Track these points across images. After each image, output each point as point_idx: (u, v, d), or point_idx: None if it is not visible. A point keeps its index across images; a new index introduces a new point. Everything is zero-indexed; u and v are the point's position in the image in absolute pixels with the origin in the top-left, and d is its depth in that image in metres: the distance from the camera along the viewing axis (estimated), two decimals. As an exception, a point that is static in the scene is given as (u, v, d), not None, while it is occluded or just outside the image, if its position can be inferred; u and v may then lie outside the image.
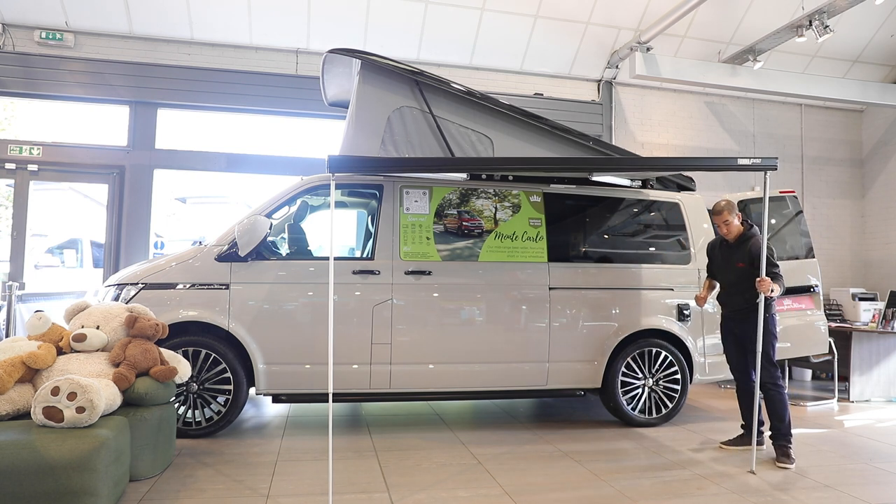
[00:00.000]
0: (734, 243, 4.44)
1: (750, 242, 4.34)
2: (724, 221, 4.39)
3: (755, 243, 4.29)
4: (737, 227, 4.40)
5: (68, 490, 2.72)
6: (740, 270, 4.37)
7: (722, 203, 4.40)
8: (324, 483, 3.50)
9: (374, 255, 4.65)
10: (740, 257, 4.37)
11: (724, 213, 4.39)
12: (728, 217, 4.38)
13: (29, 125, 6.97)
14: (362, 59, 4.56)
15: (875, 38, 8.43)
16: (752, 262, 4.27)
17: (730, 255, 4.47)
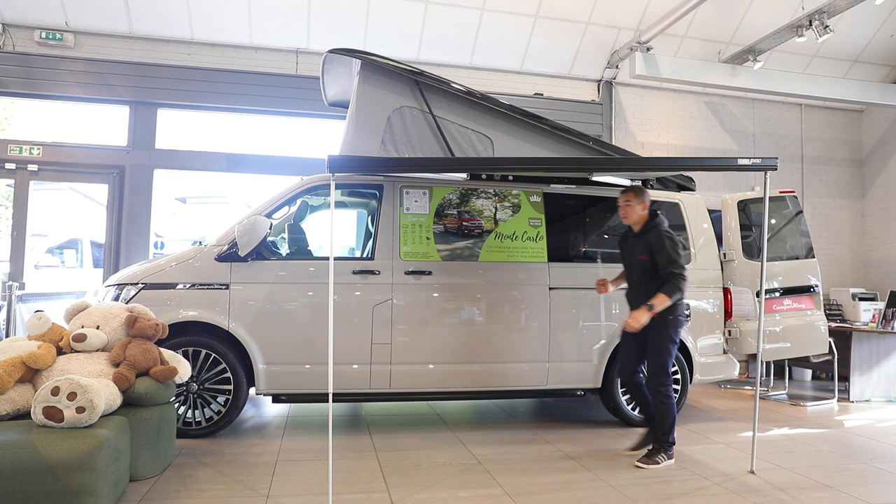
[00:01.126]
0: (638, 234, 4.12)
1: (650, 234, 4.03)
2: (626, 202, 4.09)
3: (654, 234, 3.99)
4: (638, 215, 4.08)
5: (68, 490, 2.72)
6: (642, 264, 4.06)
7: (633, 186, 4.15)
8: (324, 483, 3.50)
9: (374, 255, 4.65)
10: (642, 249, 4.05)
11: (627, 194, 4.10)
12: (630, 199, 4.07)
13: (29, 125, 6.96)
14: (362, 59, 4.56)
15: (875, 38, 8.43)
16: (651, 255, 3.98)
17: (634, 247, 4.15)
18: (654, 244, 3.97)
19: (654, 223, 4.07)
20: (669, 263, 3.90)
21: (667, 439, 4.05)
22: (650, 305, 3.87)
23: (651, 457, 4.02)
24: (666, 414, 4.04)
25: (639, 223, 4.13)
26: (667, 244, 3.92)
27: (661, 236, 3.96)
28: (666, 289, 3.88)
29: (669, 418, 4.03)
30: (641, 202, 4.09)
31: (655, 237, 3.98)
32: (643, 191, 4.12)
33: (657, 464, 3.99)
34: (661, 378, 4.01)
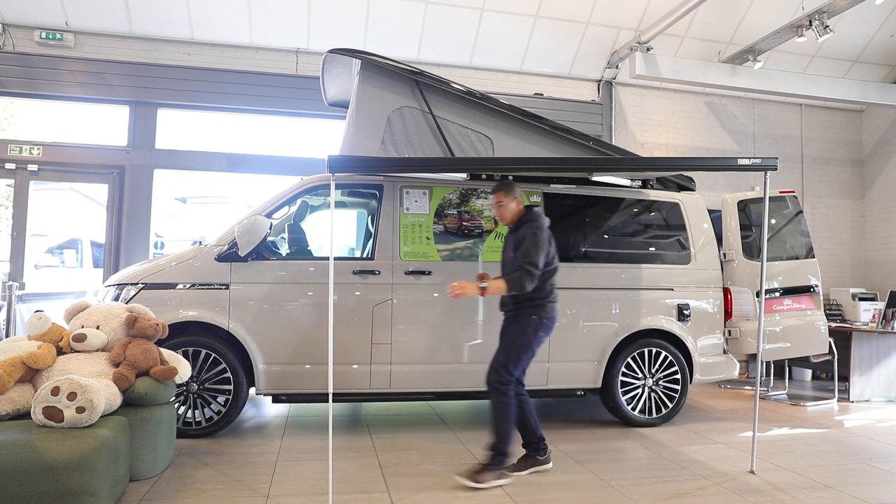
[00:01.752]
0: (513, 230, 3.79)
1: (522, 228, 3.67)
2: (498, 202, 3.77)
3: (525, 228, 3.63)
4: (513, 211, 3.77)
5: (68, 490, 2.72)
6: (509, 261, 3.73)
7: (502, 182, 3.82)
8: (324, 483, 3.50)
9: (374, 255, 4.65)
10: (513, 245, 3.70)
11: (498, 194, 3.76)
12: (503, 199, 3.76)
13: (29, 125, 6.96)
14: (362, 59, 4.56)
15: (875, 38, 8.43)
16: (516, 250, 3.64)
17: (507, 245, 3.84)
18: (521, 239, 3.62)
19: (528, 217, 3.72)
20: (524, 257, 3.52)
21: (501, 450, 3.54)
22: (484, 286, 3.44)
23: (478, 472, 3.49)
24: (501, 419, 3.56)
25: (514, 219, 3.80)
26: (529, 241, 3.55)
27: (528, 232, 3.59)
28: (510, 277, 3.51)
29: (506, 424, 3.55)
30: (513, 198, 3.76)
31: (524, 232, 3.62)
32: (512, 185, 3.78)
33: (481, 483, 3.44)
34: (501, 374, 3.60)
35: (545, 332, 3.69)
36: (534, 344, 3.67)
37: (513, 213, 3.79)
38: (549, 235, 3.70)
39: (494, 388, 3.62)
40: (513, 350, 3.65)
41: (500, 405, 3.59)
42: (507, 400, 3.59)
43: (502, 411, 3.59)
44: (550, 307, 3.72)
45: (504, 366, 3.63)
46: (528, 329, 3.64)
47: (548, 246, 3.65)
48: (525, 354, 3.66)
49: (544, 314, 3.68)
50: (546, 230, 3.68)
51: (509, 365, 3.63)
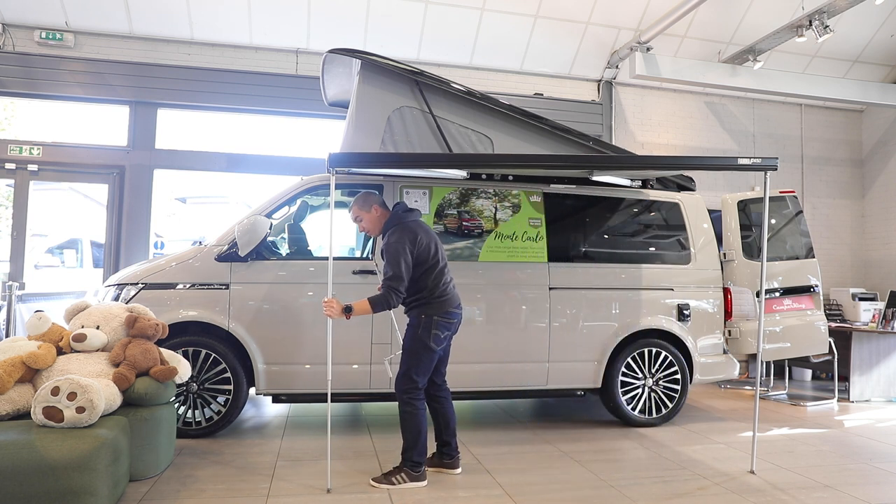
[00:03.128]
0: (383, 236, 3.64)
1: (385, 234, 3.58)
2: (356, 218, 3.65)
3: (386, 238, 3.54)
4: (375, 221, 3.64)
5: (68, 490, 2.72)
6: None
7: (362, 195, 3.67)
8: (323, 483, 3.50)
9: (374, 255, 4.65)
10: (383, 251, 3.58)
11: (352, 209, 3.63)
12: (358, 212, 3.63)
13: (29, 125, 6.96)
14: (362, 59, 4.56)
15: (875, 38, 8.43)
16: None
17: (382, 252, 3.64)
18: (384, 245, 3.52)
19: (389, 224, 3.59)
20: (385, 275, 3.44)
21: (411, 457, 3.51)
22: (349, 307, 3.40)
23: (388, 475, 3.51)
24: (408, 425, 3.50)
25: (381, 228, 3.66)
26: (388, 255, 3.44)
27: (386, 242, 3.49)
28: (374, 298, 3.41)
29: (414, 431, 3.49)
30: (369, 207, 3.63)
31: (385, 242, 3.52)
32: (364, 196, 3.66)
33: (392, 484, 3.46)
34: (404, 383, 3.52)
35: (442, 329, 3.54)
36: (431, 344, 3.51)
37: (374, 223, 3.65)
38: (417, 237, 3.49)
39: (400, 397, 3.54)
40: (411, 356, 3.53)
41: (405, 414, 3.52)
42: (412, 409, 3.51)
43: (408, 420, 3.52)
44: (442, 302, 3.55)
45: (405, 374, 3.53)
46: (419, 330, 3.52)
47: (413, 249, 3.46)
48: (424, 357, 3.52)
49: (435, 311, 3.53)
50: (407, 235, 3.47)
51: (410, 372, 3.52)
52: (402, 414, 3.53)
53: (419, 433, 3.50)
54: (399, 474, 3.50)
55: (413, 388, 3.52)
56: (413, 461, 3.51)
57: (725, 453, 4.37)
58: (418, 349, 3.52)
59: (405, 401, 3.52)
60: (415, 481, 3.50)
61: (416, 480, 3.50)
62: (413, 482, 3.49)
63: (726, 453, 4.37)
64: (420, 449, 3.51)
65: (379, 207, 3.66)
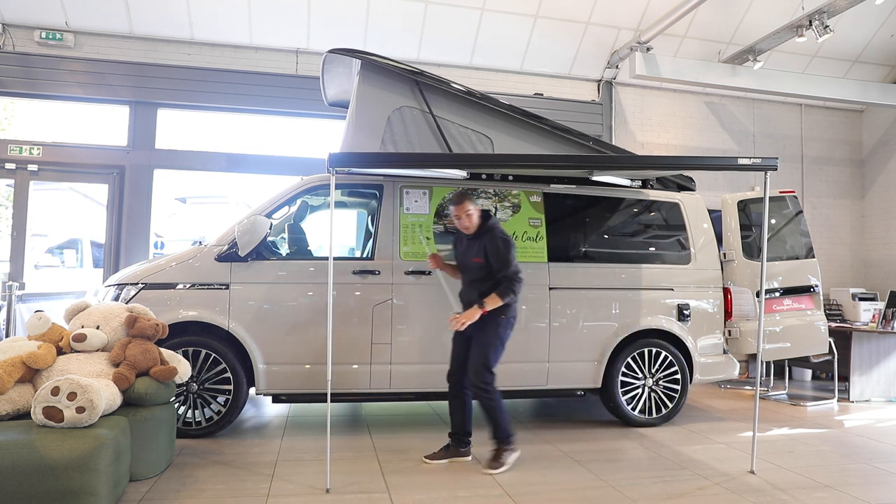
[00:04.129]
0: (473, 237, 3.99)
1: (485, 237, 3.91)
2: (467, 213, 3.92)
3: (489, 237, 3.88)
4: (475, 221, 3.97)
5: (68, 490, 2.72)
6: (476, 267, 3.93)
7: (461, 193, 3.97)
8: (324, 483, 3.50)
9: (374, 255, 4.65)
10: (476, 252, 3.92)
11: (464, 204, 3.92)
12: (470, 208, 3.93)
13: (29, 125, 6.96)
14: (362, 59, 4.56)
15: (875, 38, 8.43)
16: (487, 258, 3.88)
17: (468, 249, 4.00)
18: (489, 247, 3.86)
19: (488, 226, 3.96)
20: (504, 266, 3.82)
21: (506, 437, 3.91)
22: (482, 303, 3.79)
23: (496, 458, 3.87)
24: (496, 411, 3.89)
25: (474, 227, 3.99)
26: (501, 247, 3.83)
27: (497, 240, 3.86)
28: (500, 290, 3.80)
29: (501, 414, 3.90)
30: (477, 207, 3.98)
31: (490, 240, 3.86)
32: (470, 195, 3.98)
33: (504, 464, 3.85)
34: (484, 376, 3.85)
35: (511, 328, 3.98)
36: (505, 340, 3.95)
37: (477, 222, 3.98)
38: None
39: (480, 389, 3.87)
40: (490, 350, 3.88)
41: (489, 403, 3.88)
42: (492, 398, 3.88)
43: (494, 407, 3.89)
44: (515, 306, 3.98)
45: (485, 368, 3.87)
46: (499, 328, 3.90)
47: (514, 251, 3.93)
48: (500, 351, 3.94)
49: (511, 313, 3.95)
50: (508, 236, 3.95)
51: (489, 365, 3.88)
52: (484, 404, 3.89)
53: (504, 413, 3.92)
54: (503, 454, 3.89)
55: (492, 380, 3.89)
56: (508, 438, 3.92)
57: (725, 453, 4.37)
58: (496, 344, 3.90)
59: (487, 391, 3.87)
60: (514, 452, 3.94)
61: (515, 451, 3.95)
62: (514, 454, 3.94)
63: (726, 453, 4.37)
64: (508, 426, 3.93)
65: (479, 208, 4.03)
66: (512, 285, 3.81)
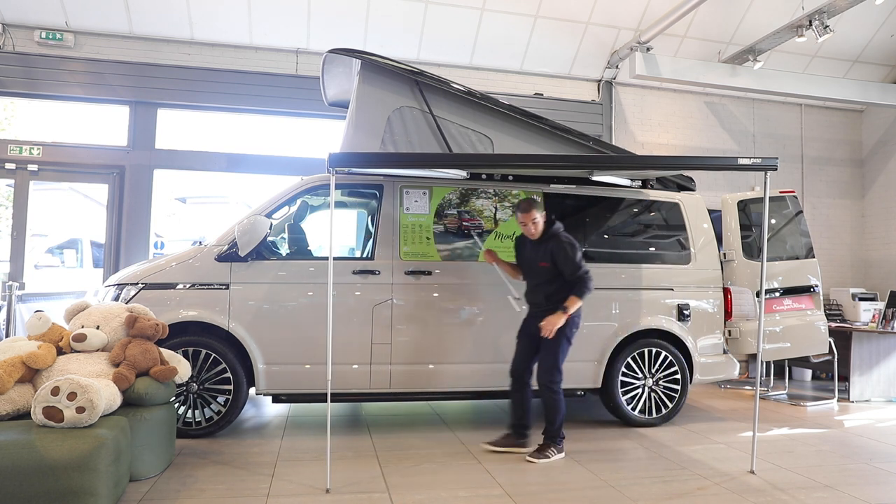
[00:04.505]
0: (538, 242, 4.23)
1: (551, 242, 4.15)
2: (533, 220, 4.16)
3: (555, 242, 4.13)
4: (542, 227, 4.22)
5: (68, 490, 2.72)
6: (543, 270, 4.18)
7: (528, 200, 4.20)
8: (323, 483, 3.50)
9: (374, 255, 4.65)
10: (543, 256, 4.17)
11: (532, 212, 4.16)
12: (536, 215, 4.16)
13: (29, 125, 6.96)
14: (362, 59, 4.56)
15: (875, 38, 8.43)
16: (554, 262, 4.12)
17: (534, 254, 4.24)
18: (556, 252, 4.11)
19: (552, 232, 4.20)
20: (575, 269, 4.08)
21: (557, 434, 4.18)
22: (565, 308, 4.05)
23: (542, 451, 4.12)
24: (556, 409, 4.17)
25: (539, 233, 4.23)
26: (569, 251, 4.09)
27: (563, 244, 4.11)
28: (576, 291, 4.06)
29: (560, 414, 4.18)
30: (542, 214, 4.21)
31: (557, 245, 4.12)
32: (537, 202, 4.25)
33: (547, 458, 4.09)
34: (553, 375, 4.15)
35: (577, 328, 4.26)
36: (572, 340, 4.23)
37: (542, 227, 4.23)
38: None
39: (548, 388, 4.16)
40: (558, 350, 4.15)
41: (552, 400, 4.17)
42: (558, 396, 4.17)
43: (556, 405, 4.17)
44: (580, 308, 4.19)
45: (554, 367, 4.16)
46: (567, 329, 4.15)
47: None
48: (567, 350, 4.21)
49: (576, 313, 4.17)
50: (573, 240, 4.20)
51: (558, 364, 4.17)
52: (548, 400, 4.16)
53: (562, 414, 4.18)
54: (550, 449, 4.12)
55: (560, 379, 4.17)
56: (560, 437, 4.18)
57: (725, 453, 4.37)
58: (564, 345, 4.17)
59: (554, 389, 4.15)
60: (560, 453, 4.16)
61: (561, 452, 4.17)
62: (559, 454, 4.15)
63: (726, 453, 4.37)
64: (561, 426, 4.20)
65: (544, 214, 4.26)
66: (586, 284, 4.06)
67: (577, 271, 4.07)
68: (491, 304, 4.77)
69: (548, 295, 4.16)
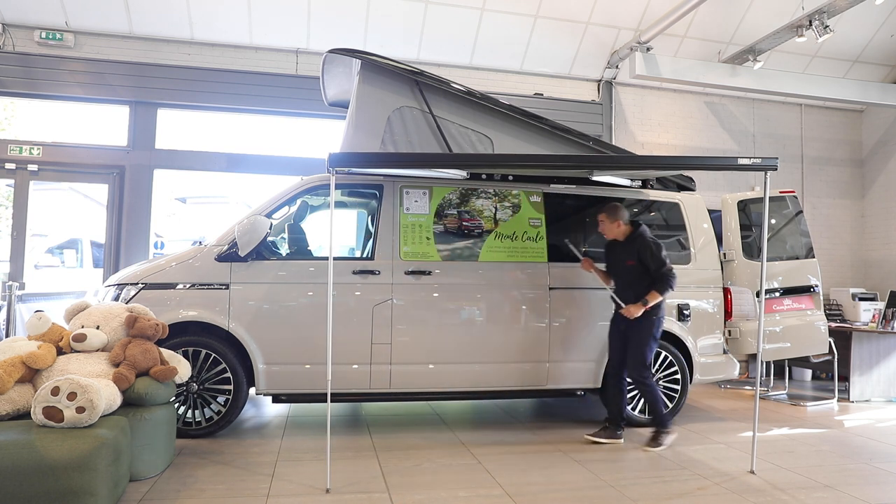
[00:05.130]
0: (624, 241, 4.57)
1: (637, 242, 4.48)
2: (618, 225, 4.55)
3: (641, 242, 4.46)
4: (624, 230, 4.57)
5: (68, 490, 2.71)
6: (630, 268, 4.51)
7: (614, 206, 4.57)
8: (323, 483, 3.50)
9: (374, 255, 4.65)
10: (630, 255, 4.49)
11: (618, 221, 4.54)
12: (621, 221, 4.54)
13: (29, 125, 6.96)
14: (362, 59, 4.56)
15: (875, 38, 8.43)
16: (640, 260, 4.45)
17: (622, 254, 4.57)
18: (642, 251, 4.44)
19: (638, 232, 4.53)
20: (660, 265, 4.39)
21: (663, 421, 4.49)
22: (645, 301, 4.36)
23: (655, 440, 4.44)
24: (654, 399, 4.49)
25: (624, 235, 4.58)
26: (654, 249, 4.41)
27: (648, 244, 4.43)
28: (658, 287, 4.37)
29: (659, 402, 4.49)
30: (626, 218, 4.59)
31: (643, 244, 4.44)
32: (621, 208, 4.58)
33: (661, 444, 4.41)
34: (642, 370, 4.45)
35: (662, 326, 4.55)
36: (658, 337, 4.52)
37: (624, 231, 4.57)
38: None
39: (640, 382, 4.48)
40: (645, 346, 4.45)
41: (648, 393, 4.50)
42: (651, 387, 4.48)
43: (653, 395, 4.49)
44: (664, 306, 4.54)
45: (643, 363, 4.45)
46: (653, 328, 4.46)
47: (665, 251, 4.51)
48: (654, 346, 4.50)
49: (661, 313, 4.50)
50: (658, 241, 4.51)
51: (646, 359, 4.46)
52: (644, 394, 4.54)
53: (661, 401, 4.51)
54: (661, 436, 4.45)
55: (649, 374, 4.49)
56: (665, 423, 4.48)
57: (725, 453, 4.37)
58: (650, 340, 4.46)
59: (646, 383, 4.47)
60: (671, 436, 4.48)
61: (671, 434, 4.49)
62: (671, 437, 4.47)
63: (726, 453, 4.37)
64: (664, 411, 4.51)
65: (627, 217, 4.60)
66: (669, 281, 4.36)
67: (661, 268, 4.37)
68: (491, 304, 4.77)
69: (637, 294, 4.43)
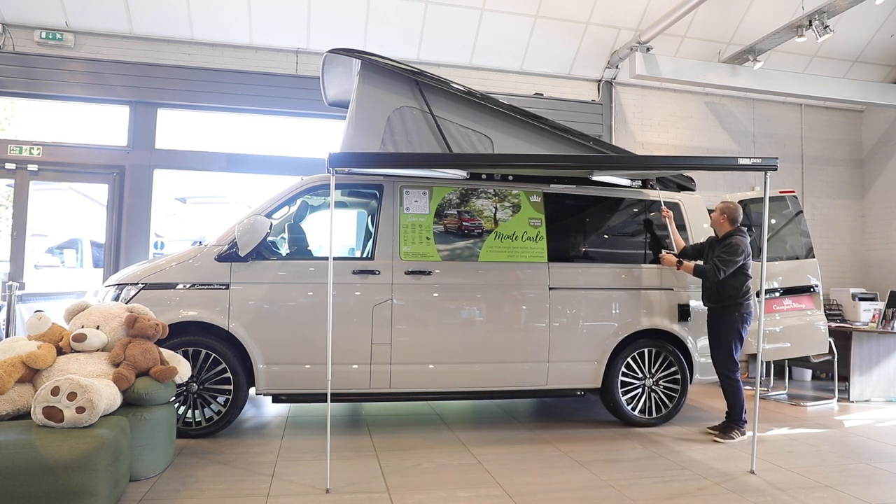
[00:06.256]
0: (720, 238, 4.80)
1: (726, 239, 4.71)
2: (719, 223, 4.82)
3: (727, 240, 4.70)
4: (727, 227, 4.78)
5: (68, 490, 2.72)
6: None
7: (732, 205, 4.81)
8: (323, 483, 3.50)
9: (374, 255, 4.65)
10: (718, 252, 4.72)
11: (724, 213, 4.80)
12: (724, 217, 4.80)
13: (29, 125, 6.96)
14: (362, 59, 4.56)
15: (875, 38, 8.43)
16: None
17: (712, 251, 4.81)
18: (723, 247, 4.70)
19: (732, 232, 4.75)
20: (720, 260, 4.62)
21: (740, 417, 4.73)
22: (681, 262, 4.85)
23: (726, 432, 4.70)
24: (736, 395, 4.73)
25: (723, 232, 4.80)
26: (733, 247, 4.63)
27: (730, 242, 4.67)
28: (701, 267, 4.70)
29: (739, 399, 4.73)
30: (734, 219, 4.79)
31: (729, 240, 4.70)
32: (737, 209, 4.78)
33: (732, 438, 4.65)
34: (729, 365, 4.71)
35: (748, 322, 4.73)
36: (743, 334, 4.71)
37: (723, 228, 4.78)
38: (748, 252, 4.70)
39: (725, 375, 4.75)
40: (732, 342, 4.69)
41: (733, 388, 4.73)
42: (735, 383, 4.72)
43: (735, 391, 4.73)
44: (749, 304, 4.73)
45: (729, 357, 4.70)
46: (736, 324, 4.67)
47: (741, 259, 4.63)
48: (741, 343, 4.72)
49: (745, 310, 4.69)
50: (743, 248, 4.65)
51: (732, 354, 4.70)
52: (727, 387, 4.77)
53: (743, 399, 4.75)
54: (733, 430, 4.69)
55: (735, 368, 4.73)
56: (740, 419, 4.73)
57: (725, 453, 4.37)
58: (737, 338, 4.69)
59: (731, 377, 4.73)
60: (743, 435, 4.70)
61: (744, 434, 4.71)
62: (742, 436, 4.69)
63: (726, 453, 4.37)
64: (742, 408, 4.76)
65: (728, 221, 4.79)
66: (711, 270, 4.59)
67: (721, 257, 4.59)
68: (491, 304, 4.77)
69: (721, 292, 4.69)
